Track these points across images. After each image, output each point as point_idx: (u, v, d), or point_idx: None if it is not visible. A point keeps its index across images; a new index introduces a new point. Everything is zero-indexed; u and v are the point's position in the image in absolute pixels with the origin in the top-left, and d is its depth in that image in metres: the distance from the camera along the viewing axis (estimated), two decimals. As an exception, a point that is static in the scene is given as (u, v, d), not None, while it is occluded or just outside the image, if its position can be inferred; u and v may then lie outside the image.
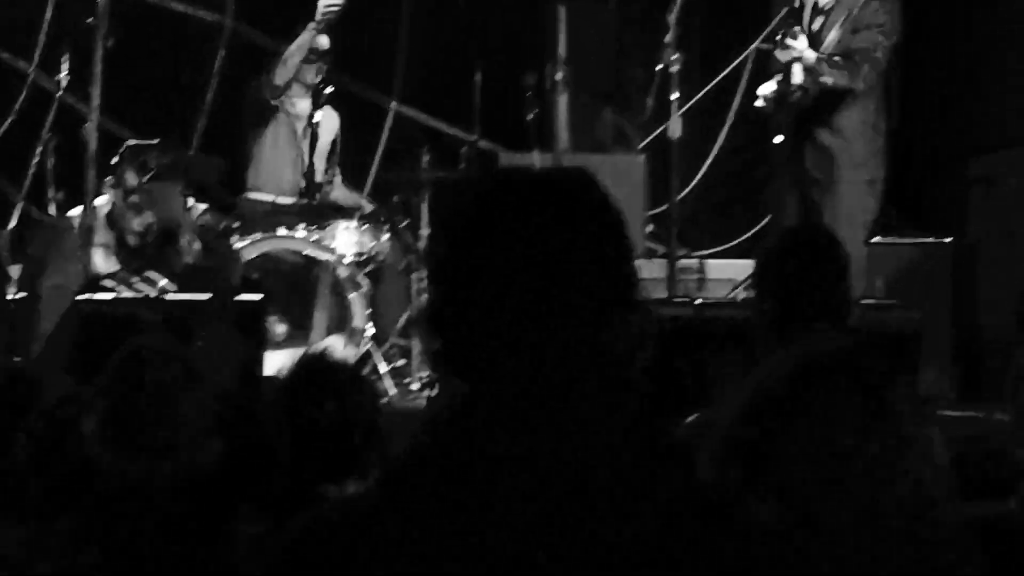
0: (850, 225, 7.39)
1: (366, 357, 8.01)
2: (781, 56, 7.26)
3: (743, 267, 9.08)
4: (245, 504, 3.09)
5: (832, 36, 7.54)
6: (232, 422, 3.12)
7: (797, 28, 7.46)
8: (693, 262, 9.35)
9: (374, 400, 3.58)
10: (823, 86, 7.41)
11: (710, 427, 2.02)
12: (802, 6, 7.69)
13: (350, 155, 9.32)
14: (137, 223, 7.23)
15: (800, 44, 7.27)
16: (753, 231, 9.77)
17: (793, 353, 1.97)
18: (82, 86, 7.79)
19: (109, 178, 7.23)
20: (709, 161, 9.03)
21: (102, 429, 3.01)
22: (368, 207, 8.86)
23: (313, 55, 8.72)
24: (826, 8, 7.60)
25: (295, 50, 8.62)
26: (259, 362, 6.25)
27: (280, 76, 8.64)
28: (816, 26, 7.60)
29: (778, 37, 7.29)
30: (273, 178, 8.83)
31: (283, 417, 3.27)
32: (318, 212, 8.49)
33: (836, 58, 7.45)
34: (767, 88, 7.72)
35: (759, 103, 7.75)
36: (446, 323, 1.86)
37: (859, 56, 7.49)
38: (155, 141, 7.65)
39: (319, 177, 8.73)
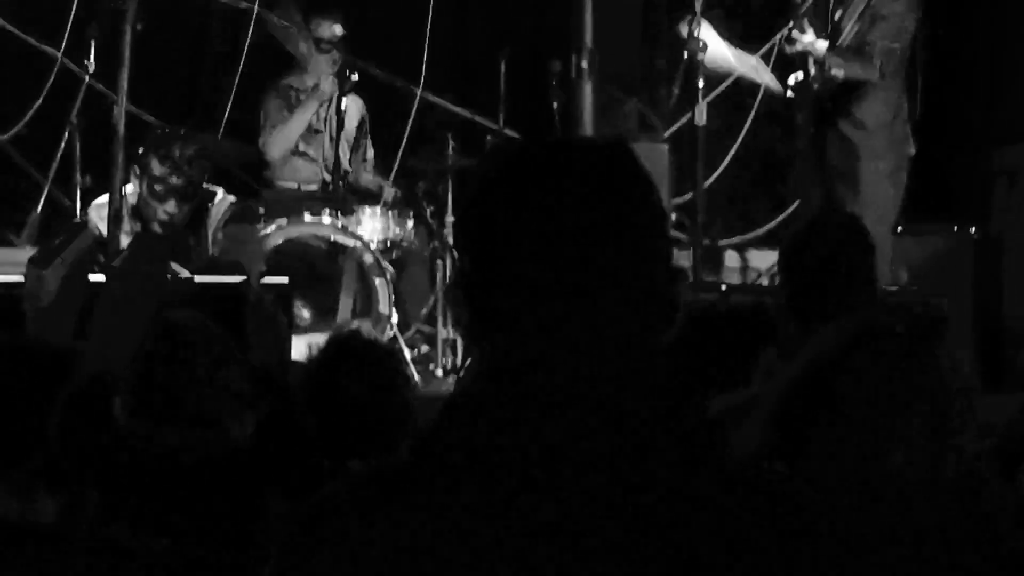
0: (874, 215, 7.39)
1: (391, 343, 8.05)
2: (788, 49, 7.27)
3: (767, 256, 9.12)
4: (273, 484, 3.11)
5: (850, 26, 7.55)
6: (264, 397, 3.15)
7: (805, 21, 7.45)
8: (718, 249, 9.38)
9: (405, 377, 3.62)
10: (834, 79, 7.41)
11: (753, 403, 2.04)
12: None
13: (376, 142, 9.38)
14: (162, 212, 7.27)
15: (807, 37, 7.26)
16: (777, 220, 9.79)
17: (844, 325, 2.00)
18: (109, 71, 7.81)
19: (134, 166, 7.27)
20: (734, 150, 9.03)
21: (135, 403, 3.04)
22: (391, 192, 8.90)
23: (326, 44, 8.77)
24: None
25: (296, 127, 8.74)
26: (287, 346, 6.28)
27: (278, 149, 8.74)
28: (837, 16, 7.61)
29: (785, 31, 7.28)
30: (294, 166, 8.91)
31: (315, 393, 3.30)
32: (343, 198, 8.52)
33: (848, 51, 7.44)
34: (796, 76, 7.73)
35: (789, 93, 7.76)
36: (477, 290, 1.84)
37: (874, 48, 7.48)
38: (180, 130, 7.70)
39: (345, 163, 8.78)
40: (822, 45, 7.31)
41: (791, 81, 7.70)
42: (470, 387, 1.85)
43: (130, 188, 7.29)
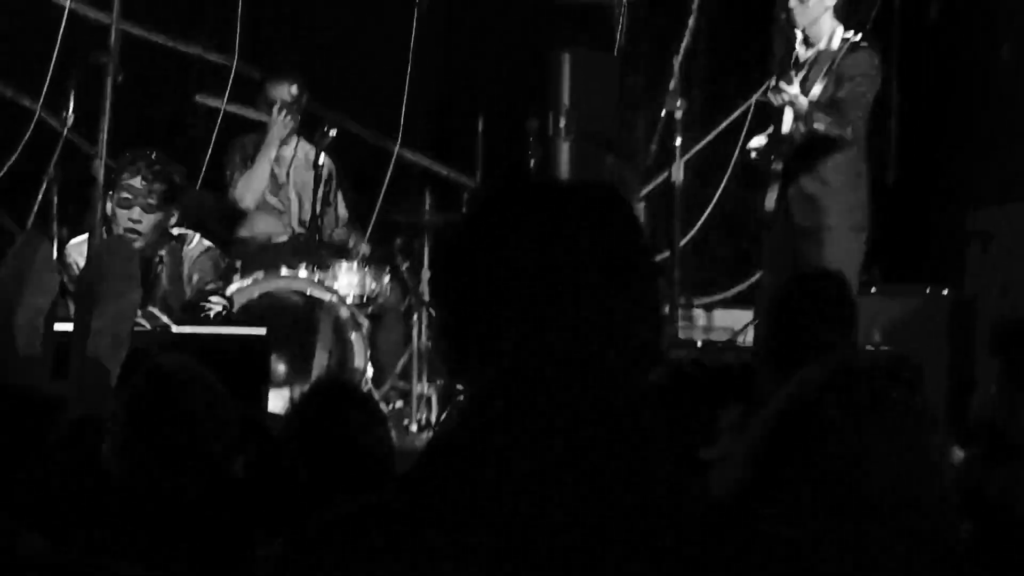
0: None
1: (366, 396, 8.08)
2: (775, 99, 7.34)
3: (741, 315, 9.20)
4: (260, 525, 3.16)
5: (816, 89, 7.63)
6: (251, 440, 3.20)
7: (792, 73, 7.56)
8: (693, 308, 9.44)
9: (384, 418, 3.69)
10: (813, 132, 7.48)
11: (734, 444, 2.09)
12: (793, 58, 7.80)
13: (353, 197, 9.45)
14: (126, 219, 7.31)
15: (793, 89, 7.35)
16: (748, 282, 9.85)
17: (825, 365, 2.05)
18: (88, 123, 7.85)
19: (109, 191, 7.33)
20: (709, 209, 9.13)
21: (123, 445, 3.09)
22: (364, 248, 8.97)
23: (283, 105, 8.86)
24: (807, 61, 7.71)
25: (260, 172, 8.84)
26: (264, 399, 6.32)
27: (250, 196, 8.83)
28: (802, 75, 7.70)
29: (771, 82, 7.37)
30: (263, 219, 8.99)
31: (302, 434, 3.36)
32: (317, 251, 8.57)
33: (823, 106, 7.54)
34: (757, 141, 7.81)
35: (752, 155, 7.83)
36: (462, 328, 1.87)
37: (846, 105, 7.58)
38: (152, 152, 7.73)
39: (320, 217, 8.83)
40: (804, 99, 7.39)
41: (753, 144, 7.77)
42: (455, 426, 1.87)
43: None
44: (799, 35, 7.71)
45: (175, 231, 7.54)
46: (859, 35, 7.49)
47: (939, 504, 2.00)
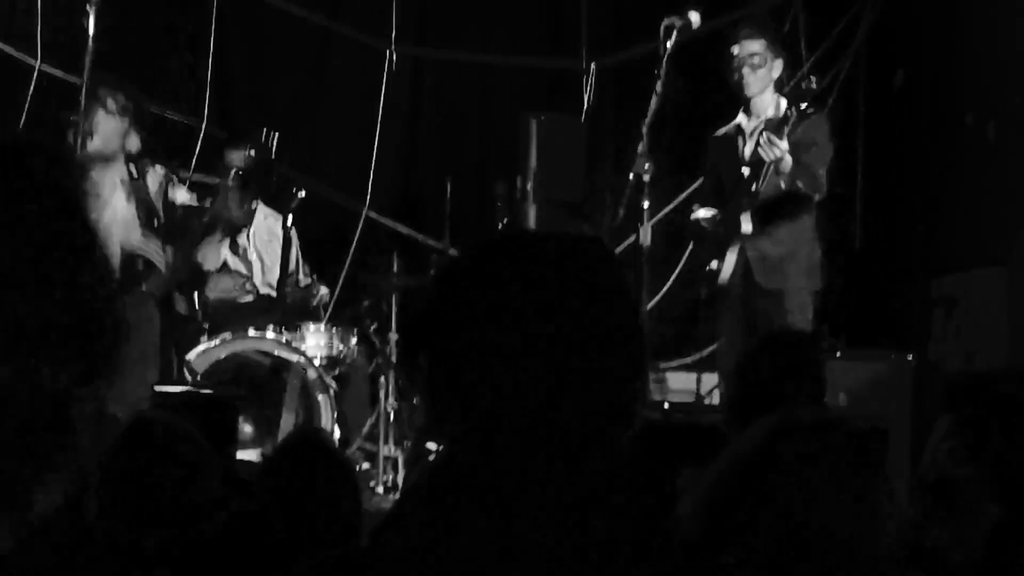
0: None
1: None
2: (767, 152, 7.40)
3: (706, 378, 9.28)
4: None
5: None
6: (234, 496, 3.25)
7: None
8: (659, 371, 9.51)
9: (355, 477, 3.76)
10: (778, 196, 7.57)
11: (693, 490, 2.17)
12: (735, 127, 7.91)
13: (321, 260, 9.53)
14: None
15: (784, 145, 7.43)
16: (711, 348, 9.94)
17: (767, 421, 2.13)
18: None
19: None
20: (676, 273, 9.24)
21: (106, 502, 3.13)
22: (324, 292, 9.03)
23: (240, 172, 8.93)
24: (755, 129, 7.83)
25: (212, 255, 8.95)
26: (232, 460, 6.37)
27: (210, 261, 8.93)
28: (751, 146, 7.81)
29: (763, 137, 7.43)
30: (222, 281, 9.06)
31: (278, 489, 3.42)
32: (283, 311, 8.63)
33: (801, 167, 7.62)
34: (706, 212, 7.88)
35: (703, 224, 7.88)
36: (441, 380, 1.90)
37: (814, 168, 7.69)
38: None
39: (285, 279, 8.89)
40: (790, 157, 7.49)
41: (701, 214, 7.86)
42: (428, 478, 1.91)
43: None
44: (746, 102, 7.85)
45: None
46: (804, 104, 7.63)
47: (881, 554, 2.07)
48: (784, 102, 7.78)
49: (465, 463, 1.87)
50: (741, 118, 7.88)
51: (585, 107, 10.62)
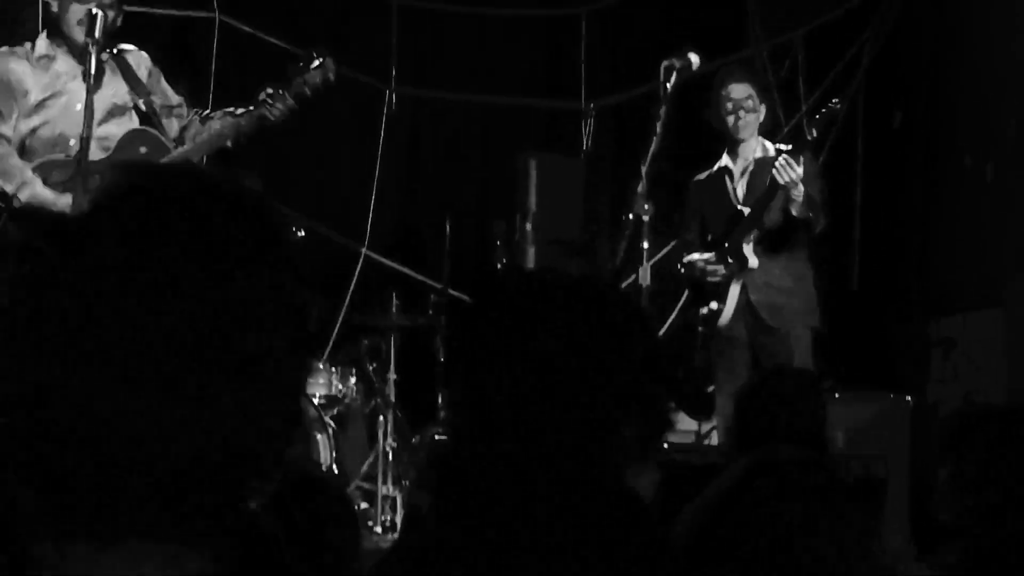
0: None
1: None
2: (783, 175, 7.43)
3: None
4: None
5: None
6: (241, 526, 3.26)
7: (728, 181, 7.75)
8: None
9: (355, 517, 3.79)
10: (800, 216, 7.59)
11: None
12: (721, 168, 7.96)
13: (321, 299, 9.58)
14: None
15: (800, 170, 7.49)
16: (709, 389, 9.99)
17: (749, 457, 2.18)
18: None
19: None
20: (675, 313, 9.26)
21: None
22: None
23: None
24: (746, 170, 7.88)
25: None
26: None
27: None
28: (743, 185, 7.86)
29: (781, 160, 7.47)
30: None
31: (287, 526, 3.44)
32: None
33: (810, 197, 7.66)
34: (699, 256, 7.88)
35: (699, 269, 7.88)
36: (466, 410, 1.95)
37: (817, 200, 7.74)
38: None
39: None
40: (802, 185, 7.54)
41: (695, 258, 7.89)
42: (432, 520, 1.96)
43: None
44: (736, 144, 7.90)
45: None
46: (789, 145, 7.73)
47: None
48: (768, 144, 7.86)
49: (467, 490, 1.91)
50: (726, 160, 7.93)
51: (584, 147, 10.69)
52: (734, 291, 7.72)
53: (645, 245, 6.83)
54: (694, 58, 7.26)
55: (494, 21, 10.79)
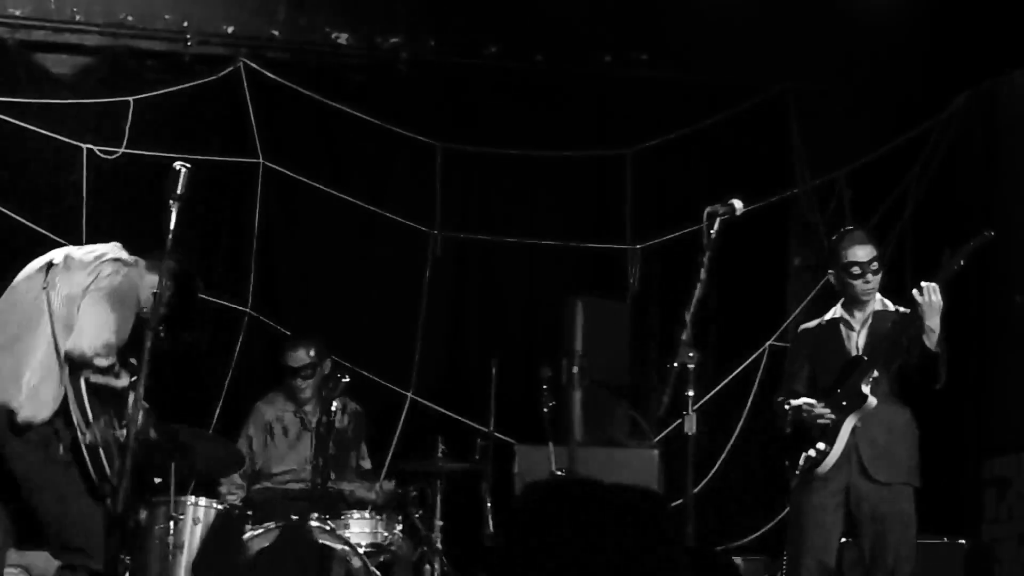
0: (902, 537, 7.64)
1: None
2: (924, 296, 7.57)
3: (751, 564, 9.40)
4: None
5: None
6: None
7: (846, 332, 7.89)
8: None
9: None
10: (931, 353, 7.69)
11: None
12: (835, 318, 8.10)
13: (368, 445, 9.79)
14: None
15: (940, 298, 7.63)
16: (769, 526, 10.04)
17: None
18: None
19: None
20: (723, 456, 9.40)
21: None
22: (387, 488, 9.26)
23: (305, 372, 9.40)
24: (865, 321, 8.00)
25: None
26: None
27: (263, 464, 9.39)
28: (863, 335, 7.99)
29: (930, 284, 7.59)
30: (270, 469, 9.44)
31: None
32: (332, 502, 8.83)
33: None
34: (803, 400, 7.98)
35: (805, 413, 7.95)
36: None
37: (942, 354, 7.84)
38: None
39: (332, 465, 9.12)
40: (939, 320, 7.69)
41: (800, 402, 7.98)
42: None
43: None
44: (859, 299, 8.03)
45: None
46: (901, 306, 7.95)
47: None
48: (887, 300, 8.00)
49: None
50: (840, 312, 8.04)
51: (630, 289, 10.85)
52: (844, 434, 7.78)
53: (690, 393, 6.94)
54: (737, 204, 7.35)
55: (539, 163, 11.01)
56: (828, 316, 8.12)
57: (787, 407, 7.94)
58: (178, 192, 6.84)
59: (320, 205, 10.70)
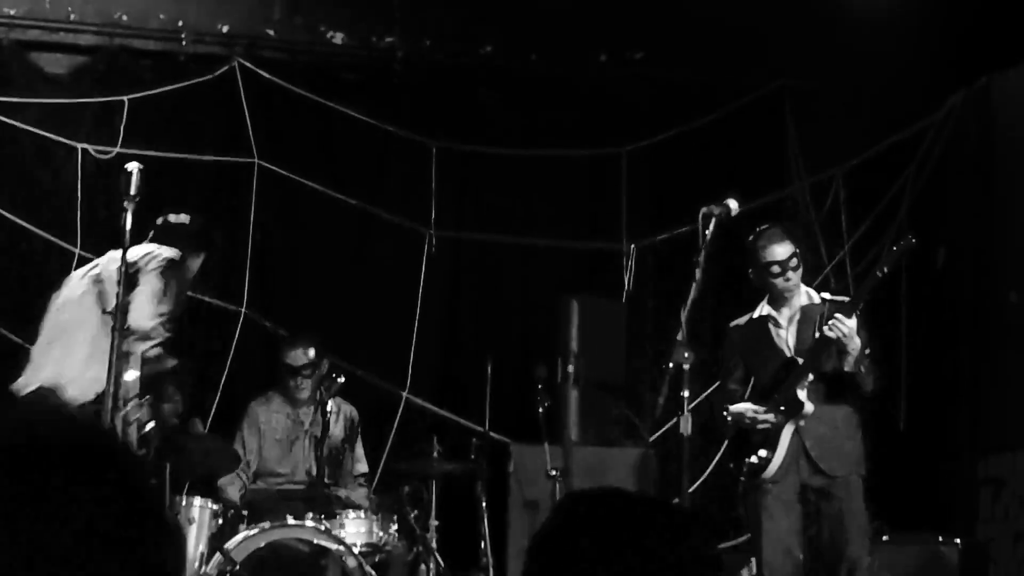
0: (858, 525, 7.74)
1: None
2: (833, 331, 7.64)
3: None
4: None
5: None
6: None
7: (772, 327, 7.96)
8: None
9: None
10: (855, 370, 7.76)
11: None
12: (762, 316, 8.15)
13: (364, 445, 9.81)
14: None
15: (852, 323, 7.68)
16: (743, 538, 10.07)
17: None
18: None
19: None
20: (717, 459, 9.40)
21: None
22: (366, 504, 9.29)
23: (305, 371, 9.42)
24: (792, 318, 8.08)
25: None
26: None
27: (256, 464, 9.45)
28: (792, 332, 8.04)
29: (835, 318, 7.66)
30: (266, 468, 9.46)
31: None
32: (327, 502, 8.85)
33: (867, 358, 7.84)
34: (746, 407, 8.04)
35: (748, 419, 8.01)
36: None
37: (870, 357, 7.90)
38: None
39: (327, 467, 9.14)
40: (857, 339, 7.74)
41: (742, 408, 8.03)
42: None
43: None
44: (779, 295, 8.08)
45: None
46: (827, 293, 7.99)
47: None
48: (813, 292, 8.08)
49: None
50: (767, 309, 8.12)
51: (625, 288, 10.87)
52: (785, 438, 7.86)
53: (686, 393, 6.96)
54: (732, 204, 7.38)
55: (534, 161, 11.03)
56: (756, 313, 8.22)
57: (726, 414, 8.04)
58: (131, 193, 6.90)
59: (315, 204, 10.71)
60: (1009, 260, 9.81)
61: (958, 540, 8.93)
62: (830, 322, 7.70)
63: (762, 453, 7.86)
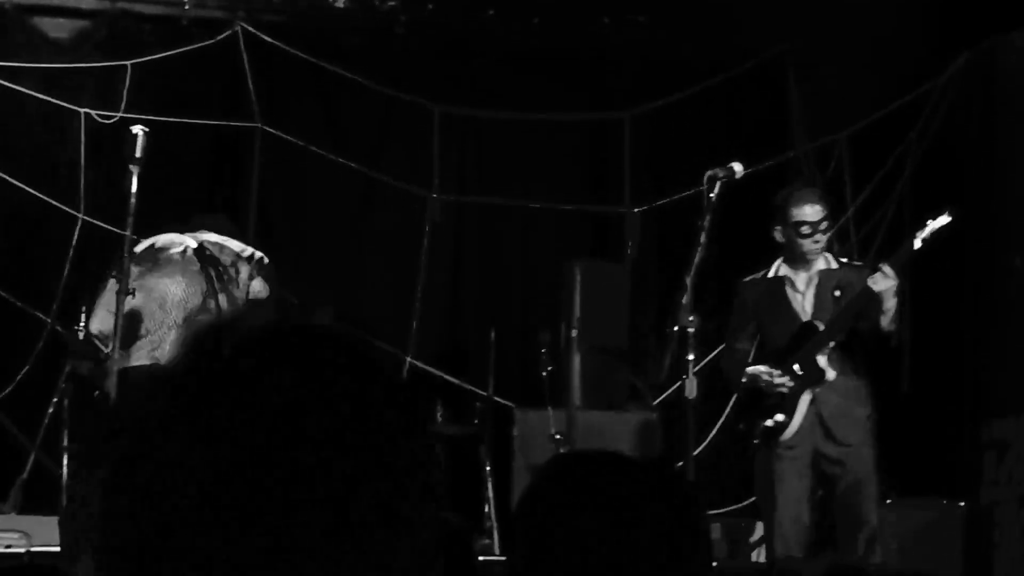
0: (869, 493, 7.74)
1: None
2: (879, 283, 7.63)
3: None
4: None
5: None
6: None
7: (790, 291, 7.96)
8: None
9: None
10: (891, 329, 7.78)
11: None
12: (776, 275, 8.14)
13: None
14: None
15: (893, 279, 7.70)
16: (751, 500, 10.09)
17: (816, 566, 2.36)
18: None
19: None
20: (721, 422, 9.43)
21: None
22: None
23: None
24: (810, 280, 8.07)
25: None
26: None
27: None
28: (811, 295, 8.04)
29: (884, 267, 7.66)
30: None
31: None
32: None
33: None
34: (761, 368, 8.03)
35: (763, 378, 8.00)
36: None
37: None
38: None
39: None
40: (894, 300, 7.77)
41: (759, 370, 8.02)
42: None
43: None
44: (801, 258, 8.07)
45: None
46: (845, 258, 8.00)
47: None
48: (831, 257, 8.06)
49: None
50: (785, 270, 8.07)
51: (628, 252, 10.87)
52: (803, 404, 7.84)
53: (690, 357, 6.96)
54: (737, 167, 7.37)
55: (537, 126, 11.02)
56: (772, 272, 8.16)
57: (739, 375, 8.03)
58: (137, 156, 6.88)
59: (318, 168, 10.71)
60: (1013, 224, 9.80)
61: (962, 503, 8.94)
62: (875, 275, 7.68)
63: (779, 417, 7.83)
